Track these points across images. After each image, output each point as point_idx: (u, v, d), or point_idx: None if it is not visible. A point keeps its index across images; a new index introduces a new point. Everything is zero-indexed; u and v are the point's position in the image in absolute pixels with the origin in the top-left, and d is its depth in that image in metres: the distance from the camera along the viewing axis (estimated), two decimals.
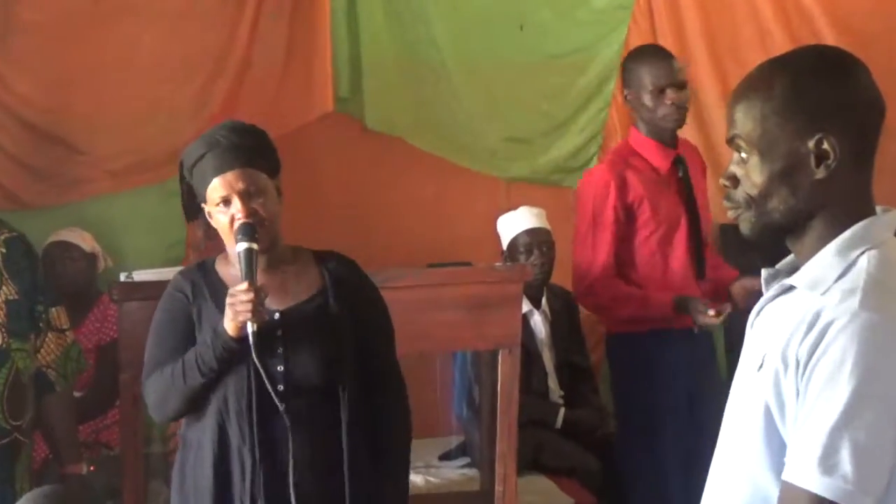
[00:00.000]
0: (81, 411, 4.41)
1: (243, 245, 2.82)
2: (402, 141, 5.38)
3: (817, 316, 1.71)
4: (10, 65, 4.83)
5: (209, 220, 2.97)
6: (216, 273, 3.01)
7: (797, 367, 1.71)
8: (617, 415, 4.65)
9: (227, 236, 2.91)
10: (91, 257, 4.88)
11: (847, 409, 1.64)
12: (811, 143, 1.78)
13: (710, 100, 5.51)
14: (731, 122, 1.86)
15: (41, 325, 3.36)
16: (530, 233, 4.78)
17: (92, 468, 3.72)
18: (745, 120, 1.83)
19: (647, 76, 4.17)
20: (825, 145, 1.77)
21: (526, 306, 4.65)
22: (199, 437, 2.92)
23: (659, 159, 4.24)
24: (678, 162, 4.26)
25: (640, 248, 4.25)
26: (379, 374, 3.04)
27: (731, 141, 1.87)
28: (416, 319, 3.26)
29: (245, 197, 2.86)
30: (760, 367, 1.79)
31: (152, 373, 2.95)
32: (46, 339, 3.37)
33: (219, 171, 2.87)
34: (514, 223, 4.84)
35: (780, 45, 5.28)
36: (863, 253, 1.76)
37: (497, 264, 4.62)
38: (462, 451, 4.88)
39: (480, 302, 3.81)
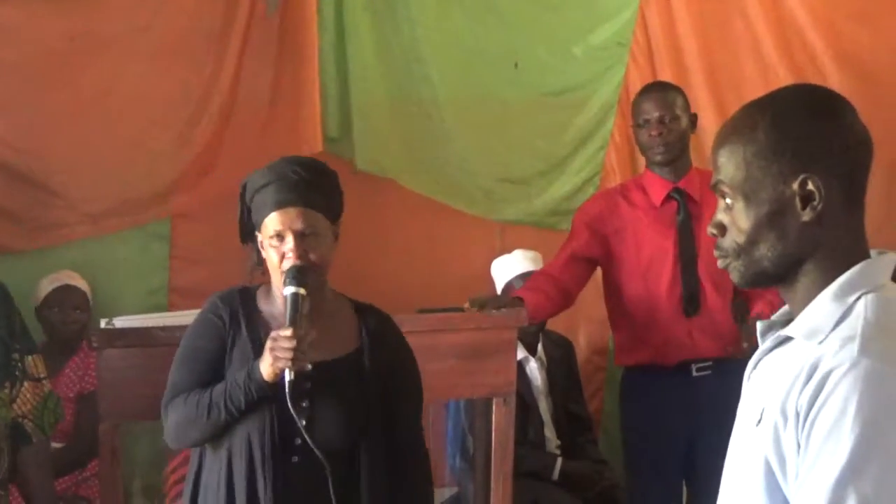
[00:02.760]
0: (62, 463, 4.43)
1: (291, 289, 2.86)
2: (394, 182, 5.37)
3: (816, 366, 1.70)
4: None
5: (261, 249, 3.00)
6: (256, 305, 3.04)
7: (797, 420, 1.70)
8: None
9: (274, 272, 2.94)
10: (88, 302, 4.87)
11: (851, 461, 1.62)
12: (795, 185, 1.80)
13: (711, 138, 5.45)
14: (715, 167, 1.90)
15: (17, 373, 3.34)
16: (525, 277, 4.76)
17: None
18: (729, 164, 1.86)
19: (633, 111, 4.43)
20: (810, 186, 1.79)
21: (521, 353, 4.68)
22: (216, 480, 2.94)
23: (654, 191, 4.37)
24: (677, 195, 4.35)
25: (627, 280, 4.37)
26: (404, 441, 3.05)
27: (715, 187, 1.90)
28: None
29: (300, 238, 2.89)
30: (759, 421, 1.79)
31: (175, 397, 2.95)
32: (23, 389, 3.36)
33: (278, 205, 2.91)
34: (508, 267, 4.87)
35: (784, 80, 5.30)
36: (860, 297, 1.76)
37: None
38: (456, 503, 4.87)
39: (474, 349, 3.83)
